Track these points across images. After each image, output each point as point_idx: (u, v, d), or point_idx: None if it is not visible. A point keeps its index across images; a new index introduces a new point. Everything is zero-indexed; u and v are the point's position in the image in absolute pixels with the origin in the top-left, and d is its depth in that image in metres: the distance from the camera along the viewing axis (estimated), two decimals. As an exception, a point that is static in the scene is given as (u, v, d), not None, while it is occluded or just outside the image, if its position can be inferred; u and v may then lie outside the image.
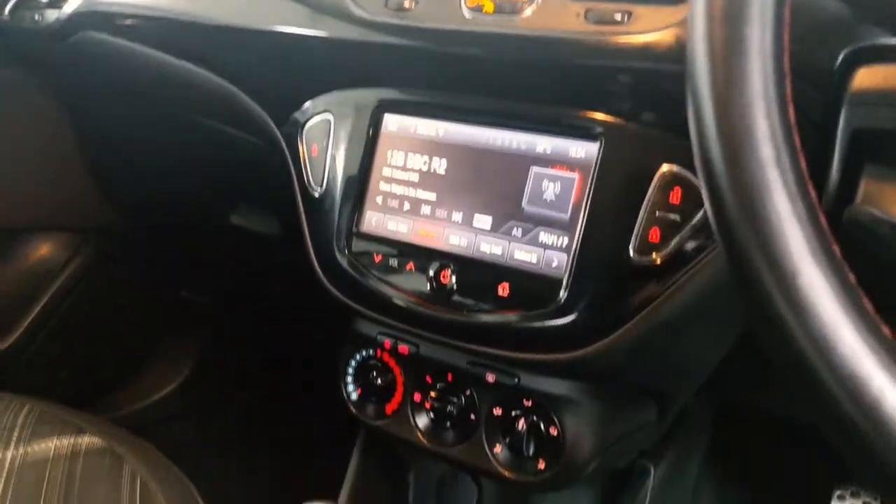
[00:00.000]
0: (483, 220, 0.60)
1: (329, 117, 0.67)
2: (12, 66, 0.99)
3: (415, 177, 0.63)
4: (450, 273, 0.61)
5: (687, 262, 0.53)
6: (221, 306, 1.31)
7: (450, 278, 0.61)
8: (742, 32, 0.30)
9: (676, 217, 0.52)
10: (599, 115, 0.55)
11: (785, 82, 0.30)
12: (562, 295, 0.56)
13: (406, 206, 0.63)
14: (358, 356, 0.72)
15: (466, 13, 0.59)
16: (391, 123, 0.64)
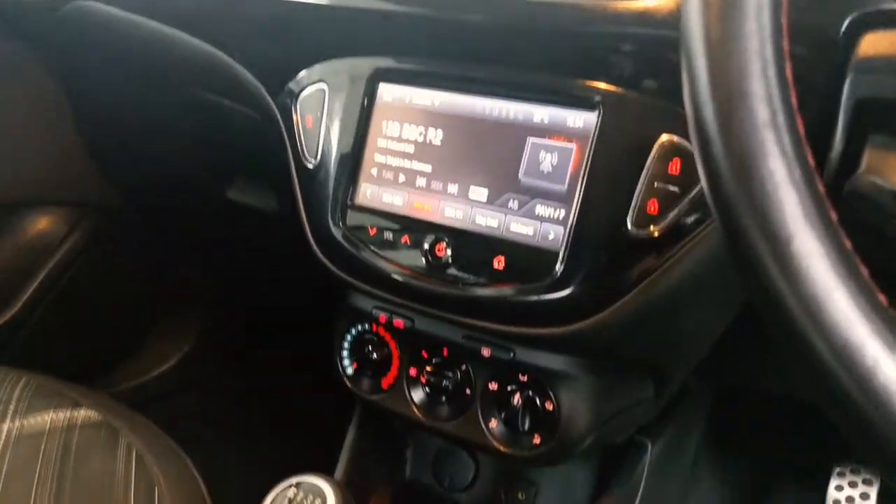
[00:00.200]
0: (479, 193, 0.59)
1: (324, 87, 0.65)
2: (9, 41, 0.98)
3: (410, 148, 0.62)
4: (445, 246, 0.60)
5: (685, 235, 0.52)
6: (220, 283, 1.31)
7: (445, 251, 0.60)
8: None
9: (675, 189, 0.51)
10: (598, 84, 0.54)
11: (782, 41, 0.29)
12: (558, 268, 0.55)
13: (401, 177, 0.62)
14: (353, 330, 0.72)
15: (464, -21, 0.57)
16: (386, 93, 0.63)
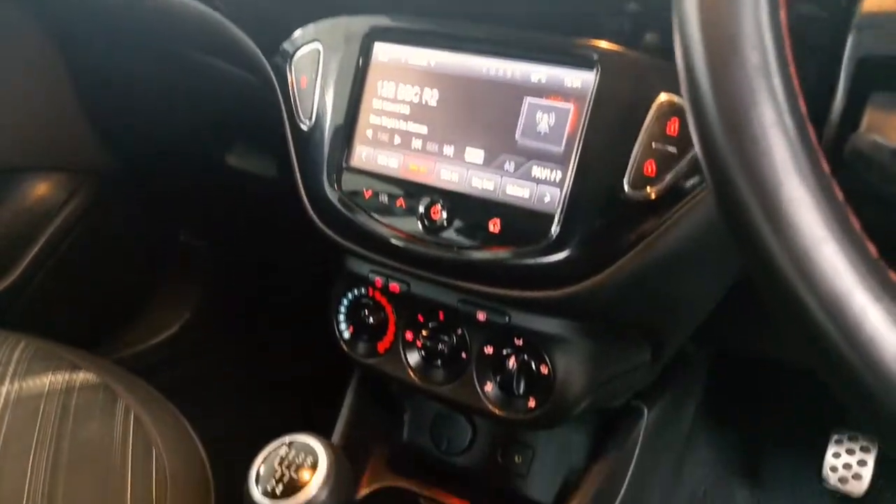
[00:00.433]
0: (475, 154, 0.59)
1: (318, 47, 0.64)
2: (5, 6, 0.97)
3: (405, 109, 0.61)
4: (440, 209, 0.59)
5: (682, 196, 0.51)
6: (220, 249, 1.31)
7: (440, 214, 0.59)
8: None
9: (673, 149, 0.51)
10: (596, 43, 0.53)
11: None
12: (553, 231, 0.55)
13: (396, 139, 0.62)
14: (349, 295, 0.72)
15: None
16: (381, 53, 0.62)
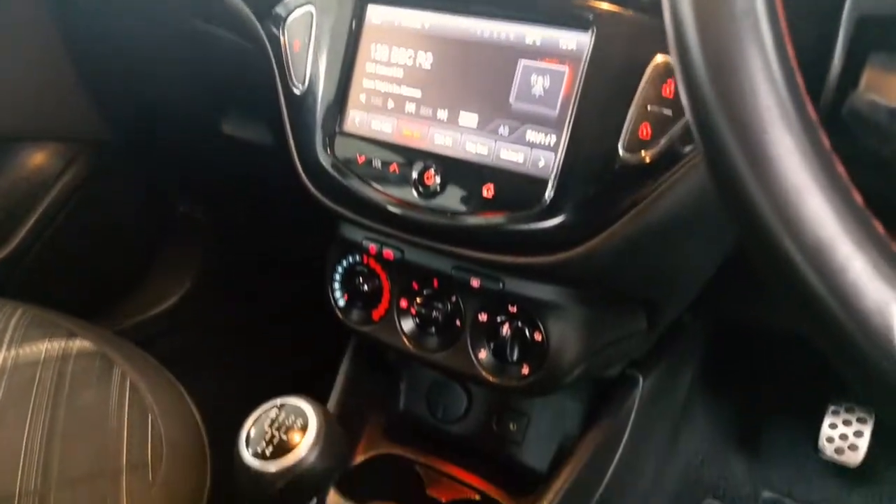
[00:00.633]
0: (469, 118, 0.58)
1: (311, 9, 0.63)
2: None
3: (399, 72, 0.60)
4: (434, 174, 0.59)
5: (677, 160, 0.51)
6: (219, 220, 1.31)
7: (434, 179, 0.59)
8: None
9: (668, 111, 0.50)
10: (592, 2, 0.52)
11: None
12: (547, 195, 0.54)
13: (390, 103, 0.61)
14: (344, 262, 0.71)
15: None
16: (375, 15, 0.61)
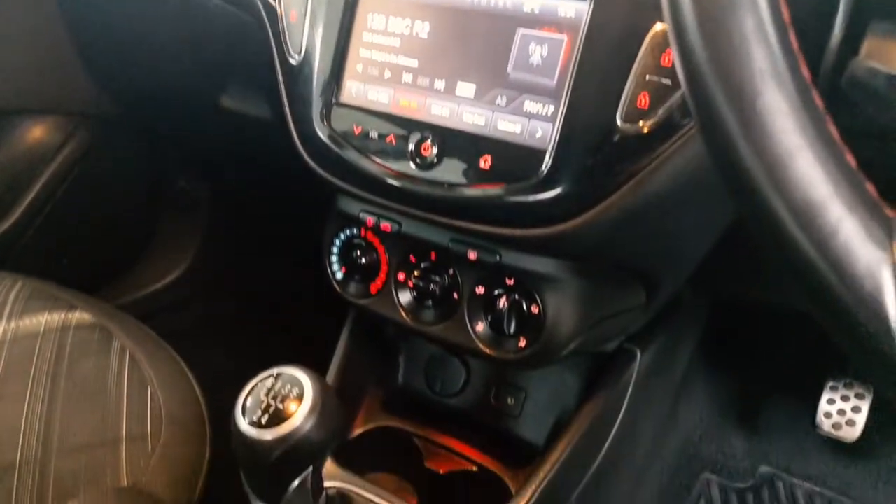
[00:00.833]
0: (466, 89, 0.57)
1: (307, -22, 0.63)
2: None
3: (396, 42, 0.59)
4: (431, 145, 0.58)
5: (675, 131, 0.50)
6: (219, 195, 1.30)
7: (431, 150, 0.58)
8: None
9: (667, 81, 0.49)
10: (591, -30, 0.51)
11: None
12: (545, 166, 0.54)
13: (387, 73, 0.60)
14: (342, 235, 0.71)
15: None
16: (372, -16, 0.60)
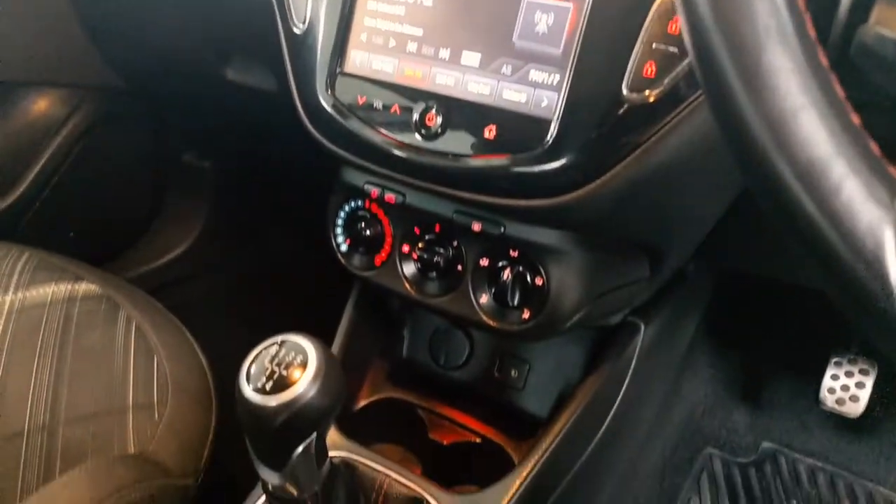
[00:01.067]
0: (471, 57, 0.57)
1: (311, -54, 0.62)
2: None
3: (401, 10, 0.59)
4: (435, 115, 0.58)
5: (681, 101, 0.50)
6: (225, 169, 1.30)
7: (435, 120, 0.58)
8: None
9: (674, 49, 0.49)
10: (598, -64, 0.51)
11: None
12: (550, 136, 0.53)
13: (391, 42, 0.60)
14: (346, 207, 0.71)
15: None
16: (376, -49, 0.59)
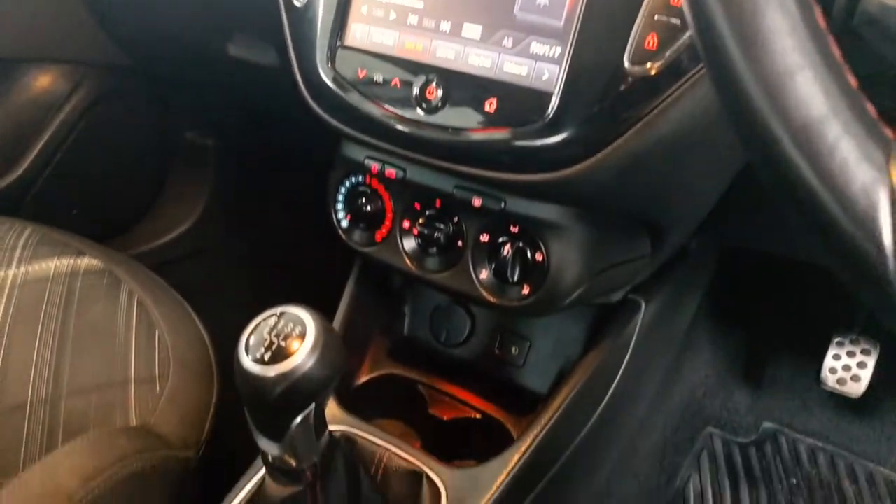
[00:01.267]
0: (472, 30, 0.56)
1: (311, -84, 0.61)
2: None
3: (401, -18, 0.58)
4: (436, 88, 0.58)
5: (683, 73, 0.49)
6: (227, 146, 1.30)
7: (436, 94, 0.58)
8: None
9: (676, 21, 0.48)
10: None
11: None
12: (551, 110, 0.53)
13: (392, 15, 0.59)
14: (347, 182, 0.71)
15: None
16: (377, -79, 0.59)
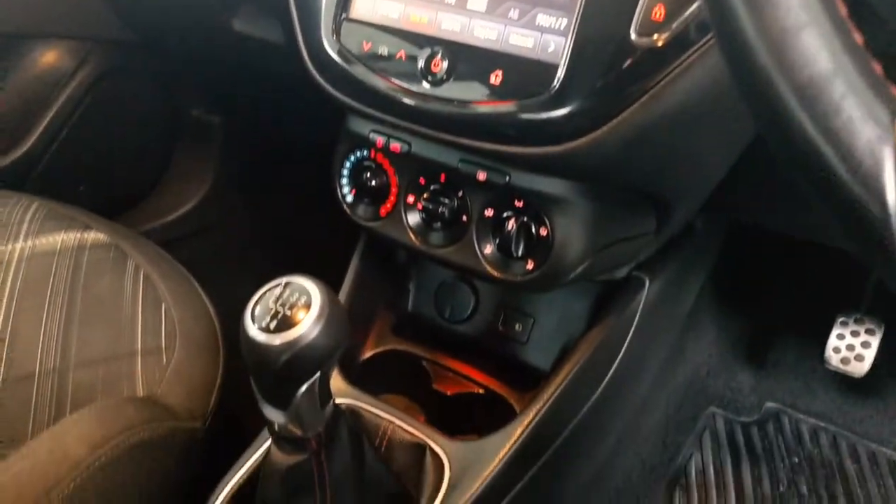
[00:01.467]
0: (478, 2, 0.56)
1: None
2: None
3: (407, -47, 0.58)
4: (441, 60, 0.57)
5: (689, 45, 0.49)
6: (233, 123, 1.30)
7: (441, 66, 0.57)
8: None
9: (684, -9, 0.48)
10: None
11: None
12: (557, 82, 0.53)
13: (397, -14, 0.59)
14: (352, 157, 0.71)
15: None
16: None
